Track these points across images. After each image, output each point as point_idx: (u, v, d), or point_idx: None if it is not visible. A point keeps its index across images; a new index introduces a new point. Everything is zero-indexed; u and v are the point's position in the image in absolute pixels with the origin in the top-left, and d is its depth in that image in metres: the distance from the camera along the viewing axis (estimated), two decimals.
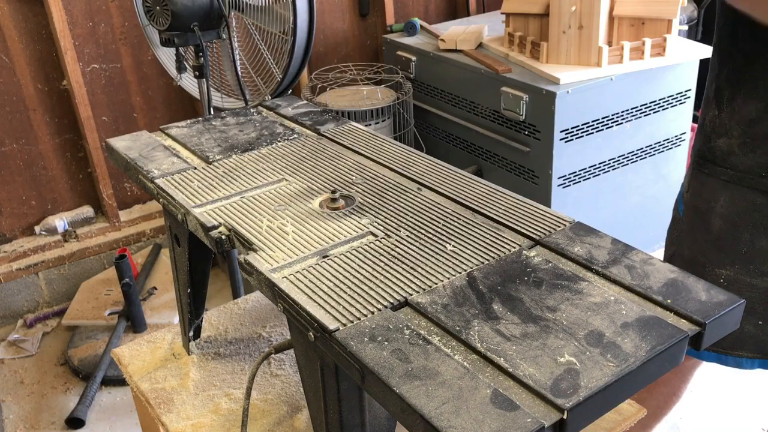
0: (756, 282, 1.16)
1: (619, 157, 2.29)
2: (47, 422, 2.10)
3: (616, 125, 2.22)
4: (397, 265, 0.83)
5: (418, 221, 0.93)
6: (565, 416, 0.61)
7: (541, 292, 0.77)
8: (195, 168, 1.12)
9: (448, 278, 0.80)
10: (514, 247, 0.86)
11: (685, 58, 2.21)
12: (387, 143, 1.19)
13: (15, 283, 2.51)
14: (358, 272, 0.82)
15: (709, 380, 2.14)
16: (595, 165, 2.24)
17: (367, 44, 2.98)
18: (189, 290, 1.18)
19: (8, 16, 2.27)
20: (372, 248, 0.87)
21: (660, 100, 2.29)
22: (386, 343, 0.70)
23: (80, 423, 2.06)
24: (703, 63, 2.23)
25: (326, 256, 0.86)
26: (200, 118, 1.33)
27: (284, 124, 1.30)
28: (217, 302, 2.41)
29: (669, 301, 0.74)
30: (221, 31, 1.78)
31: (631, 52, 2.11)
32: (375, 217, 0.95)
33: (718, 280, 1.18)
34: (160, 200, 1.06)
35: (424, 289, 0.78)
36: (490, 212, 0.95)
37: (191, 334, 1.25)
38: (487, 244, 0.87)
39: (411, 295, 0.77)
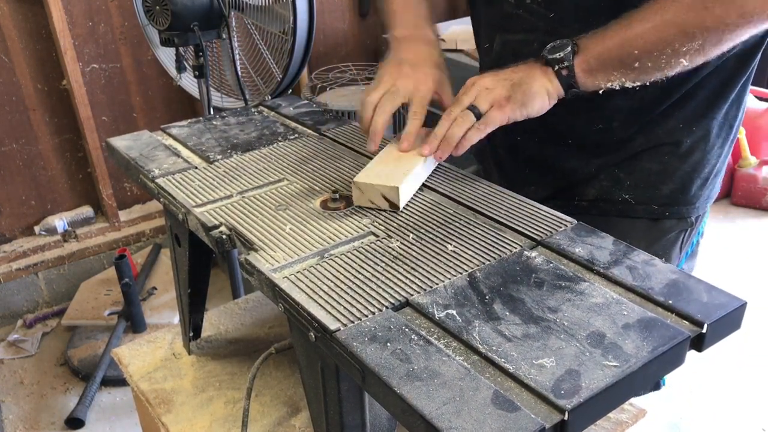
0: None
1: None
2: (47, 422, 2.10)
3: None
4: (398, 265, 0.83)
5: (419, 221, 0.93)
6: (566, 417, 0.61)
7: (543, 292, 0.77)
8: (196, 167, 1.12)
9: (449, 279, 0.80)
10: (516, 248, 0.86)
11: None
12: (387, 143, 1.19)
13: (14, 283, 2.51)
14: (359, 272, 0.82)
15: (709, 380, 2.15)
16: None
17: (367, 44, 2.98)
18: (189, 290, 1.17)
19: (8, 16, 2.27)
20: (373, 248, 0.87)
21: None
22: (387, 343, 0.69)
23: (80, 423, 2.06)
24: None
25: (327, 256, 0.86)
26: (201, 118, 1.33)
27: (285, 123, 1.30)
28: (217, 302, 2.41)
29: (670, 302, 0.74)
30: (221, 31, 1.78)
31: None
32: (376, 217, 0.95)
33: None
34: (161, 200, 1.06)
35: (425, 290, 0.78)
36: (491, 212, 0.94)
37: (191, 334, 1.25)
38: (488, 244, 0.87)
39: (412, 295, 0.77)
